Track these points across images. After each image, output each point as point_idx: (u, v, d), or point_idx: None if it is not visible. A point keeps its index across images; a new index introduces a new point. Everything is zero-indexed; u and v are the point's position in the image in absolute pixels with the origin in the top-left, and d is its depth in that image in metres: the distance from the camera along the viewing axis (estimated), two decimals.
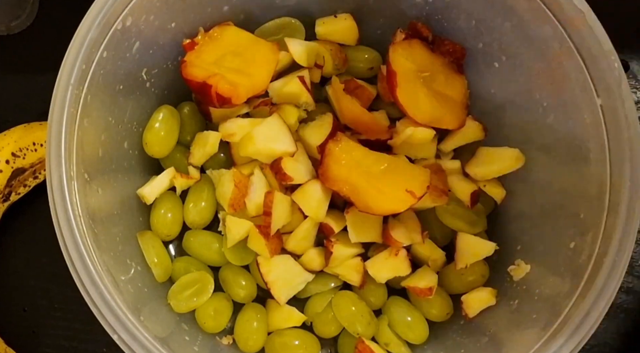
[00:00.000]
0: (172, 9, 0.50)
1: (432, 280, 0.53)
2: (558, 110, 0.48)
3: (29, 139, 0.57)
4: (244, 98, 0.52)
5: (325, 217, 0.52)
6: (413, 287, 0.53)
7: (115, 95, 0.49)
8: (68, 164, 0.43)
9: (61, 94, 0.43)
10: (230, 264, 0.54)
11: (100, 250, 0.44)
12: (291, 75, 0.54)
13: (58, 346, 0.58)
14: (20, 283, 0.60)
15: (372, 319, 0.53)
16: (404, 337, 0.54)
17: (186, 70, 0.51)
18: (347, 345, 0.54)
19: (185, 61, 0.51)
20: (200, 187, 0.55)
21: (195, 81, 0.50)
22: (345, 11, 0.56)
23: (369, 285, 0.54)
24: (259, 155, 0.52)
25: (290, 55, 0.54)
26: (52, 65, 0.46)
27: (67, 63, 0.44)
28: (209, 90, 0.50)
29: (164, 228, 0.54)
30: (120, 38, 0.46)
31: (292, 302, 0.54)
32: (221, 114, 0.54)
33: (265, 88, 0.53)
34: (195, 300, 0.52)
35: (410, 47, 0.52)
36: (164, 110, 0.54)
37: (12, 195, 0.58)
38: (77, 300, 0.42)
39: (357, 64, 0.57)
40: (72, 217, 0.42)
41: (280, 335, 0.54)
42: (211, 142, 0.54)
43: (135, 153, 0.54)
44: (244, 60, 0.52)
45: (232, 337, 0.55)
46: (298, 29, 0.56)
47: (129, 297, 0.45)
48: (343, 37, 0.57)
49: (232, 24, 0.54)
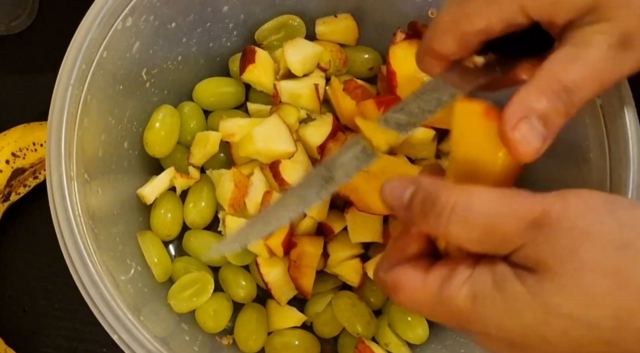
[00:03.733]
0: (172, 9, 0.50)
1: None
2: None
3: (29, 139, 0.57)
4: None
5: (325, 217, 0.52)
6: None
7: (115, 95, 0.49)
8: (68, 163, 0.43)
9: (61, 94, 0.43)
10: (230, 264, 0.54)
11: (100, 250, 0.44)
12: (306, 80, 0.54)
13: (58, 346, 0.58)
14: (20, 283, 0.60)
15: (372, 319, 0.53)
16: (404, 337, 0.54)
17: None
18: (347, 345, 0.54)
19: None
20: (200, 187, 0.55)
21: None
22: (345, 11, 0.56)
23: (369, 285, 0.54)
24: (259, 155, 0.52)
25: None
26: (52, 65, 0.46)
27: (67, 63, 0.44)
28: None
29: (164, 229, 0.54)
30: (120, 38, 0.46)
31: (292, 302, 0.54)
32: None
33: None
34: (195, 300, 0.52)
35: (410, 47, 0.52)
36: (164, 110, 0.54)
37: (12, 195, 0.58)
38: (77, 300, 0.42)
39: (357, 64, 0.57)
40: (72, 217, 0.42)
41: (280, 335, 0.54)
42: (211, 142, 0.54)
43: (135, 153, 0.54)
44: None
45: (232, 337, 0.55)
46: (298, 28, 0.56)
47: (129, 297, 0.45)
48: (343, 37, 0.57)
49: None
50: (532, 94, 0.32)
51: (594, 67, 0.32)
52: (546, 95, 0.32)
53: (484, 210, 0.30)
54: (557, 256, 0.28)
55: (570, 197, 0.30)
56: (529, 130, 0.31)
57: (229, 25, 0.56)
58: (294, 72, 0.54)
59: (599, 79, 0.32)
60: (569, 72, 0.32)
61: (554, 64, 0.32)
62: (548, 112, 0.32)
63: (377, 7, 0.55)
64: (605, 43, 0.32)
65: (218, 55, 0.58)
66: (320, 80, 0.54)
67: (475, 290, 0.30)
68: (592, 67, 0.32)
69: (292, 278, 0.51)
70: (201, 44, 0.55)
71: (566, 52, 0.32)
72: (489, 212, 0.30)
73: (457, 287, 0.31)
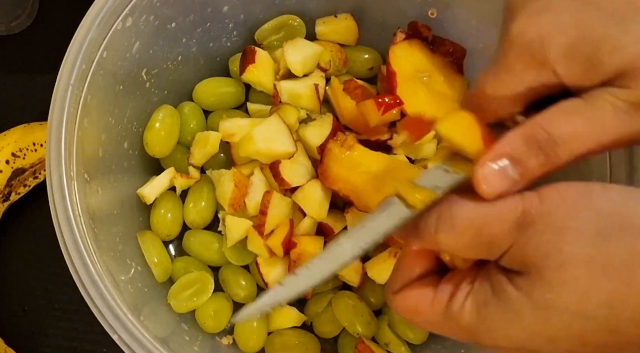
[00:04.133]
0: (172, 9, 0.50)
1: None
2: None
3: (29, 139, 0.57)
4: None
5: (325, 217, 0.52)
6: None
7: (115, 95, 0.49)
8: (68, 163, 0.43)
9: (61, 94, 0.43)
10: (230, 264, 0.54)
11: (100, 250, 0.44)
12: (306, 80, 0.54)
13: (58, 346, 0.58)
14: (20, 283, 0.60)
15: (372, 319, 0.53)
16: (404, 337, 0.54)
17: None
18: (347, 345, 0.54)
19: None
20: (200, 187, 0.55)
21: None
22: (345, 11, 0.56)
23: (369, 285, 0.54)
24: (259, 155, 0.52)
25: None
26: (52, 65, 0.46)
27: (67, 63, 0.44)
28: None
29: (164, 228, 0.54)
30: (120, 38, 0.46)
31: (292, 302, 0.54)
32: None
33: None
34: (195, 300, 0.52)
35: (410, 47, 0.52)
36: (164, 110, 0.54)
37: (12, 195, 0.58)
38: (77, 300, 0.42)
39: (357, 64, 0.57)
40: (72, 217, 0.42)
41: (280, 335, 0.54)
42: (211, 142, 0.54)
43: (135, 153, 0.54)
44: None
45: (232, 337, 0.55)
46: (298, 28, 0.56)
47: (129, 297, 0.45)
48: (343, 37, 0.57)
49: None
50: (516, 138, 0.31)
51: (590, 124, 0.31)
52: (527, 143, 0.31)
53: (468, 215, 0.30)
54: (542, 253, 0.29)
55: (547, 192, 0.30)
56: (495, 172, 0.31)
57: (229, 25, 0.56)
58: (294, 72, 0.54)
59: (595, 138, 0.31)
60: (561, 124, 0.31)
61: (550, 113, 0.32)
62: (525, 160, 0.31)
63: (377, 7, 0.55)
64: (611, 104, 0.31)
65: (218, 55, 0.58)
66: (320, 80, 0.54)
67: (478, 301, 0.30)
68: (588, 123, 0.31)
69: None
70: (201, 44, 0.55)
71: (567, 105, 0.32)
72: (473, 216, 0.30)
73: (461, 301, 0.31)
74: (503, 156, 0.31)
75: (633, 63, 0.30)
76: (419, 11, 0.53)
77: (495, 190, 0.31)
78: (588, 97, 0.31)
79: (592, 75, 0.31)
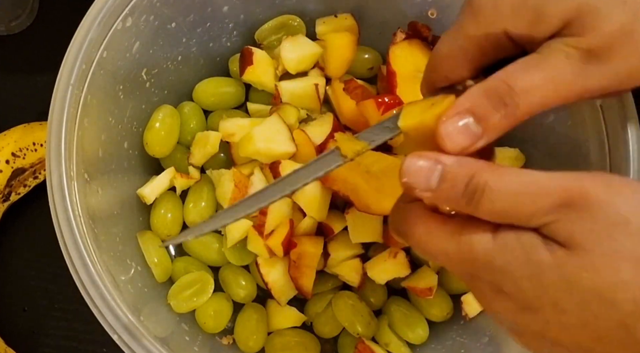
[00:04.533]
0: (172, 9, 0.50)
1: (432, 280, 0.53)
2: (558, 110, 0.48)
3: (29, 139, 0.57)
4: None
5: (325, 217, 0.52)
6: (413, 287, 0.53)
7: (115, 95, 0.49)
8: (68, 163, 0.43)
9: (61, 94, 0.43)
10: (230, 264, 0.54)
11: (100, 250, 0.44)
12: (307, 80, 0.54)
13: (58, 346, 0.58)
14: (20, 283, 0.60)
15: (372, 319, 0.53)
16: (404, 337, 0.54)
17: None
18: (347, 345, 0.54)
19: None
20: (200, 187, 0.55)
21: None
22: (345, 11, 0.56)
23: (369, 285, 0.54)
24: (259, 156, 0.52)
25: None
26: (52, 65, 0.46)
27: (67, 63, 0.44)
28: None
29: (164, 228, 0.54)
30: (120, 38, 0.46)
31: (292, 302, 0.54)
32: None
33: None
34: (195, 300, 0.52)
35: (410, 47, 0.52)
36: (164, 110, 0.54)
37: (12, 195, 0.58)
38: (77, 300, 0.42)
39: (357, 64, 0.57)
40: (72, 217, 0.42)
41: (280, 335, 0.54)
42: (211, 142, 0.54)
43: (135, 153, 0.54)
44: None
45: (232, 337, 0.55)
46: (298, 28, 0.56)
47: (129, 297, 0.45)
48: None
49: None
50: (475, 93, 0.32)
51: (548, 75, 0.32)
52: (488, 97, 0.32)
53: (515, 188, 0.30)
54: (593, 237, 0.29)
55: (614, 182, 0.30)
56: (457, 128, 0.32)
57: (229, 25, 0.56)
58: (288, 68, 0.54)
59: (554, 88, 0.32)
60: (519, 76, 0.32)
61: (509, 68, 0.32)
62: (487, 113, 0.32)
63: (377, 7, 0.55)
64: (564, 53, 0.32)
65: (218, 55, 0.58)
66: (320, 80, 0.54)
67: (500, 244, 0.30)
68: (546, 75, 0.32)
69: (292, 278, 0.51)
70: (201, 44, 0.55)
71: (525, 60, 0.33)
72: (520, 191, 0.30)
73: (479, 234, 0.31)
74: (465, 112, 0.32)
75: (578, 10, 0.32)
76: (419, 11, 0.53)
77: (459, 145, 0.32)
78: (542, 50, 0.33)
79: (541, 27, 0.32)
